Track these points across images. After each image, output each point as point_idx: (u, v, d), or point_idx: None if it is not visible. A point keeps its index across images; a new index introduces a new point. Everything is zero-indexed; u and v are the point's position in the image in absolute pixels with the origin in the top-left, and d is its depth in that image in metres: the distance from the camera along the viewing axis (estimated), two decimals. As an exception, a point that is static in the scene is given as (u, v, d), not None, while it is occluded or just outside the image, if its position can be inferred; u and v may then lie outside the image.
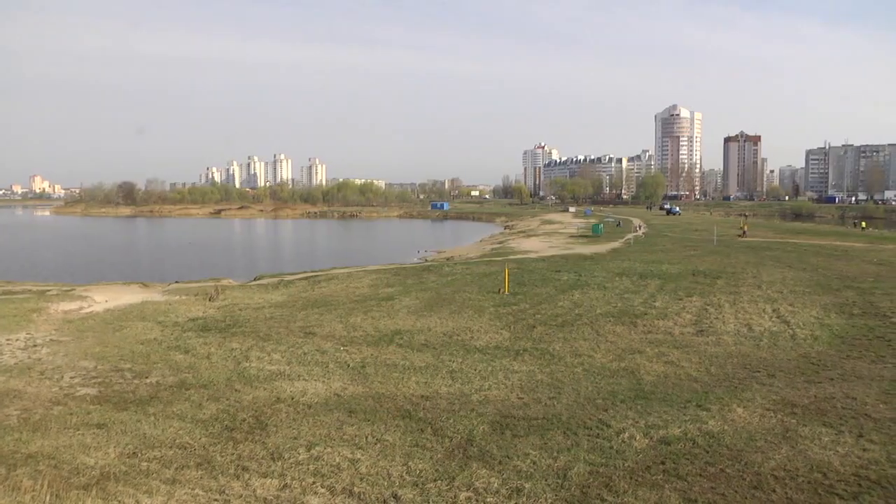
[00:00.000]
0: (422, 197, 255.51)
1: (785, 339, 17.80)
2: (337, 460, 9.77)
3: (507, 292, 26.17)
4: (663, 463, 9.39)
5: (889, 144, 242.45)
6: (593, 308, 22.73)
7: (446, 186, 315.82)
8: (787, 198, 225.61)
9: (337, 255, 63.26)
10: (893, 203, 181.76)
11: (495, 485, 8.81)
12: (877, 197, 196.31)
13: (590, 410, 11.92)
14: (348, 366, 15.76)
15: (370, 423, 11.43)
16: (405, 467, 9.45)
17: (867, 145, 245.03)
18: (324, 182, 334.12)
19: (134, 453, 10.21)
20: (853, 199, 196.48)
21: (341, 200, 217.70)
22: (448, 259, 49.00)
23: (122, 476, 9.23)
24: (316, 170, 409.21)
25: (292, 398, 13.14)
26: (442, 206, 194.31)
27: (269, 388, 13.90)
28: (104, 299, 27.47)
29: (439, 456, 9.86)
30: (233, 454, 10.12)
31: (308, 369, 15.52)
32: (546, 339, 18.14)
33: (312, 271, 39.30)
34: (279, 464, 9.69)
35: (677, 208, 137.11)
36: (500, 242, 67.91)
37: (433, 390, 13.55)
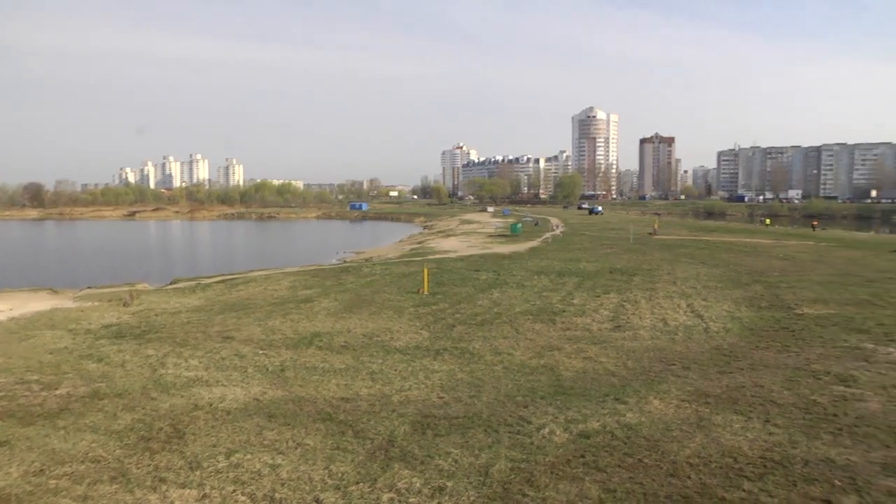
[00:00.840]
0: (340, 198, 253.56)
1: (699, 333, 18.62)
2: (257, 466, 9.64)
3: (426, 292, 26.34)
4: (583, 456, 9.68)
5: (792, 146, 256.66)
6: (512, 306, 23.15)
7: (365, 187, 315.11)
8: (700, 197, 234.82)
9: (255, 257, 62.30)
10: (795, 201, 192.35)
11: (417, 485, 8.89)
12: (781, 196, 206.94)
13: (510, 407, 12.16)
14: (267, 370, 15.56)
15: (290, 428, 11.33)
16: (327, 471, 9.43)
17: (773, 147, 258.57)
18: (241, 183, 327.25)
19: (41, 471, 9.74)
20: (761, 197, 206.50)
21: (259, 201, 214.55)
22: (367, 260, 48.91)
23: (26, 497, 8.81)
24: (233, 170, 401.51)
25: (210, 405, 12.87)
26: (361, 206, 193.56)
27: (187, 396, 13.56)
28: (8, 307, 26.11)
29: (361, 458, 9.88)
30: (149, 465, 9.84)
31: (226, 374, 15.22)
32: (466, 338, 18.37)
33: (230, 274, 38.50)
34: (198, 473, 9.49)
35: (600, 208, 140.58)
36: (420, 243, 68.20)
37: (354, 392, 13.54)
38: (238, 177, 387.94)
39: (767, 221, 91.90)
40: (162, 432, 11.34)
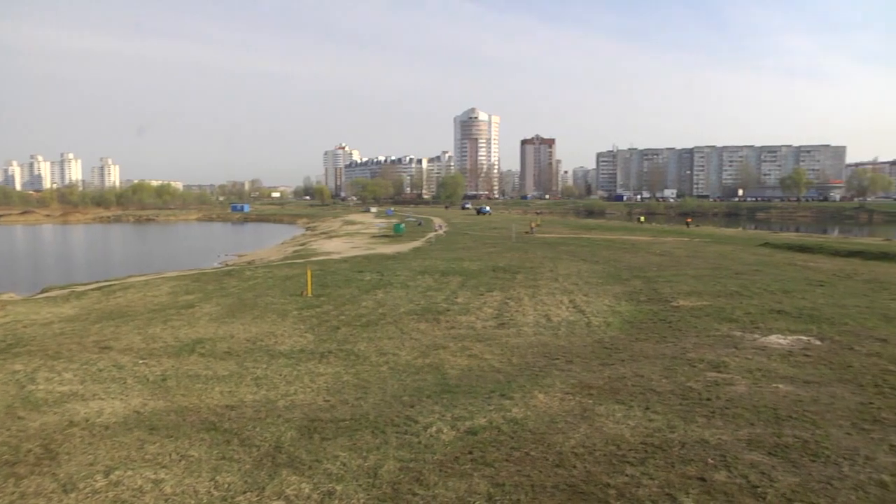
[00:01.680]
0: (221, 199, 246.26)
1: (581, 328, 19.31)
2: (139, 483, 9.17)
3: (310, 295, 25.97)
4: (471, 452, 9.81)
5: (666, 148, 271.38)
6: (397, 307, 23.21)
7: (246, 188, 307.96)
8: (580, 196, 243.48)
9: (133, 262, 59.49)
10: (671, 200, 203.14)
11: (306, 490, 8.74)
12: (658, 195, 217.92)
13: (397, 408, 12.16)
14: (148, 380, 14.82)
15: (173, 440, 10.85)
16: (212, 482, 9.10)
17: (649, 149, 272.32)
18: (117, 184, 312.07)
19: None
20: (639, 196, 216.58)
21: (137, 203, 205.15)
22: (250, 263, 47.79)
23: None
24: (109, 171, 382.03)
25: (87, 420, 12.11)
26: (242, 208, 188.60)
27: (61, 412, 12.69)
28: None
29: (247, 467, 9.61)
30: (14, 493, 9.11)
31: (104, 387, 14.38)
32: (351, 340, 18.25)
33: (107, 280, 36.36)
34: (73, 496, 8.89)
35: (487, 208, 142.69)
36: (303, 244, 67.21)
37: (238, 399, 13.15)
38: (114, 178, 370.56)
39: (642, 219, 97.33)
40: (31, 454, 10.56)
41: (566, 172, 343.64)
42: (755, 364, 14.73)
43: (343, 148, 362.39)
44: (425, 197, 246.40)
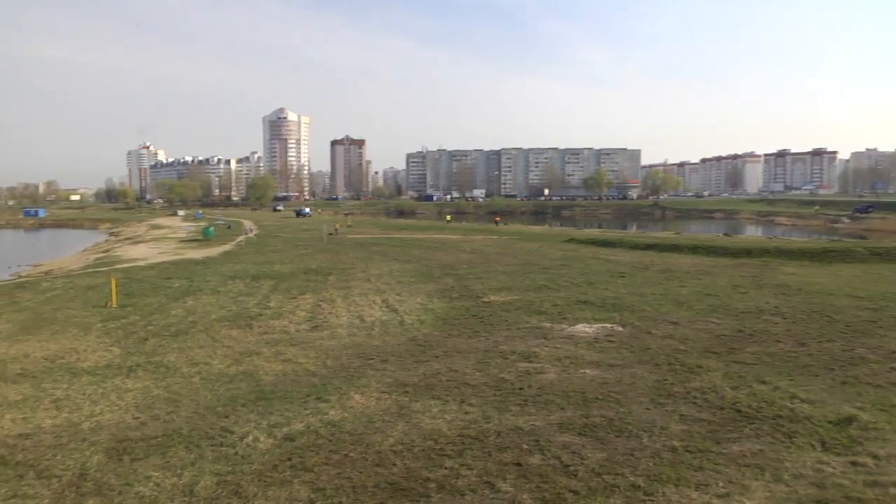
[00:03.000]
0: (11, 203, 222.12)
1: (395, 326, 19.65)
2: None
3: (115, 305, 24.33)
4: (290, 459, 9.71)
5: (475, 150, 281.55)
6: (208, 314, 22.38)
7: (41, 191, 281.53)
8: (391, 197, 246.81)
9: None
10: (480, 200, 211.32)
11: (114, 517, 8.23)
12: (467, 195, 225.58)
13: (211, 419, 11.74)
14: None
15: (-48, 483, 9.64)
16: (-3, 529, 8.27)
17: (458, 150, 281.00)
18: None
19: None
20: (448, 196, 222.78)
21: None
22: (47, 273, 43.82)
23: None
24: None
25: None
26: (37, 213, 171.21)
27: None
28: None
29: (47, 502, 8.82)
30: None
31: None
32: (160, 352, 17.35)
33: None
34: None
35: (307, 209, 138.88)
36: (106, 251, 62.71)
37: (35, 425, 11.98)
38: None
39: (448, 218, 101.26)
40: None
41: (377, 173, 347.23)
42: (564, 352, 15.80)
43: (148, 147, 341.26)
44: (234, 199, 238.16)
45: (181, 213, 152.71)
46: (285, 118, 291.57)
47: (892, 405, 11.56)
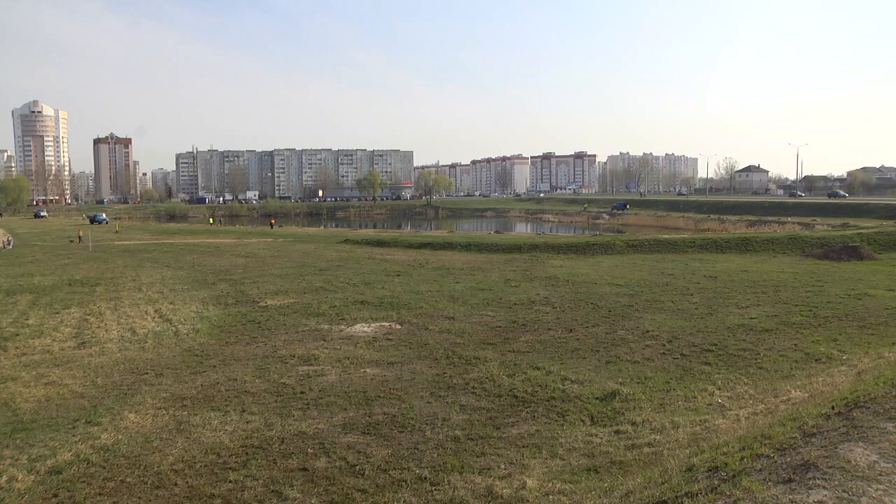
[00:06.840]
0: None
1: (169, 337, 18.51)
2: None
3: None
4: (56, 496, 8.61)
5: (247, 150, 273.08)
6: (-53, 339, 19.55)
7: None
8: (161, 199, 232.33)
9: None
10: (254, 202, 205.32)
11: None
12: (240, 197, 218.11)
13: (-47, 463, 10.23)
14: None
15: None
16: None
17: (230, 151, 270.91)
18: None
19: None
20: (221, 199, 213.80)
21: None
22: None
23: None
24: None
25: None
26: None
27: None
28: None
29: None
30: None
31: None
32: None
33: None
34: None
35: (104, 215, 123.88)
36: None
37: None
38: None
39: (211, 221, 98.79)
40: None
41: (145, 175, 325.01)
42: (343, 353, 15.79)
43: None
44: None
45: None
46: (40, 112, 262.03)
47: (647, 378, 13.04)
